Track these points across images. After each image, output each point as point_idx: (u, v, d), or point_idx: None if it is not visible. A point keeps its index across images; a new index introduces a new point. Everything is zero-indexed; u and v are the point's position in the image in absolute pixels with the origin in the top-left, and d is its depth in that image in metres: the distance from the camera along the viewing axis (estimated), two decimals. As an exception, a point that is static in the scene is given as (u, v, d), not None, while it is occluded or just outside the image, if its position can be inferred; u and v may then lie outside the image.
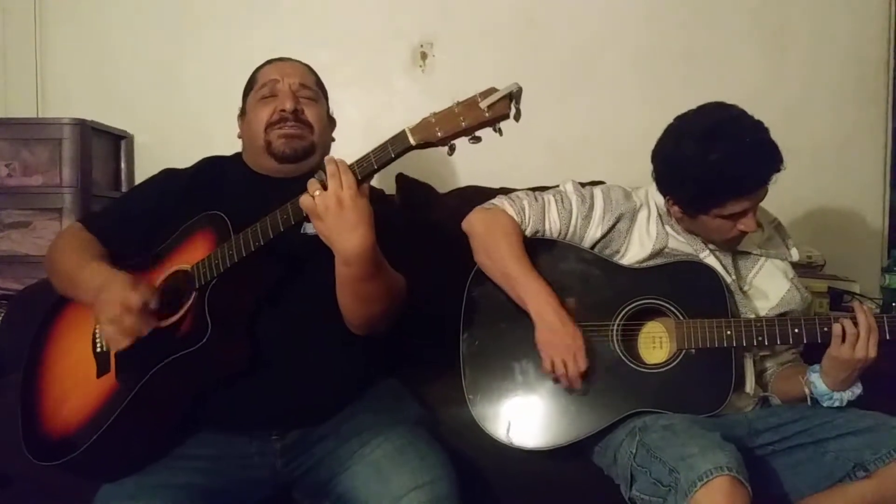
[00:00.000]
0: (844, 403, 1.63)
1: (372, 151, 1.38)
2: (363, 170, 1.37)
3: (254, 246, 1.45)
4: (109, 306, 1.46)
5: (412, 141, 1.34)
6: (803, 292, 1.83)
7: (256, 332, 1.54)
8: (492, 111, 1.31)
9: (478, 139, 1.35)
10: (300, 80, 1.72)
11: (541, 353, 1.68)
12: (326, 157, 1.40)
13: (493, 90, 1.32)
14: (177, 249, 1.60)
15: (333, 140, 1.81)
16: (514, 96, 1.31)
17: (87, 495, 1.45)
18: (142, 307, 1.46)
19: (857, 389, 1.63)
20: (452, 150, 1.36)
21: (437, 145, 1.35)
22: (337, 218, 1.36)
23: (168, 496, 1.42)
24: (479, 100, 1.32)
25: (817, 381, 1.63)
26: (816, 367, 1.65)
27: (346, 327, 1.60)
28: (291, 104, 1.68)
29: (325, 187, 1.36)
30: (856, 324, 1.59)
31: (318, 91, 1.77)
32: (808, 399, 1.67)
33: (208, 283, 1.48)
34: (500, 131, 1.34)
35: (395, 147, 1.35)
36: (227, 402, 1.53)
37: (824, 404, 1.64)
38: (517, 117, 1.33)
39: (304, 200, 1.37)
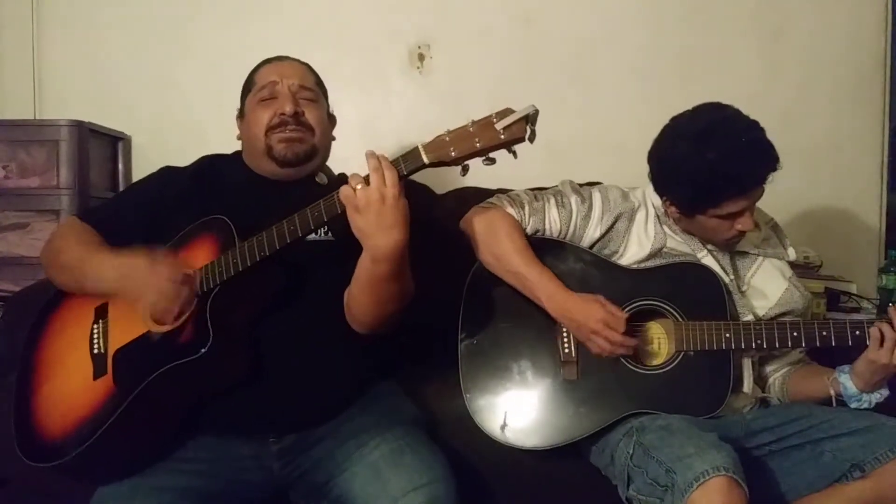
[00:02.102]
0: (872, 405, 1.63)
1: None
2: None
3: (259, 256, 1.45)
4: (149, 277, 1.47)
5: (425, 159, 1.34)
6: (803, 291, 1.83)
7: (258, 336, 1.54)
8: (507, 133, 1.30)
9: (492, 161, 1.34)
10: (300, 82, 1.70)
11: (583, 344, 1.68)
12: (367, 151, 1.37)
13: (508, 111, 1.30)
14: (178, 253, 1.58)
15: (334, 139, 1.80)
16: (530, 119, 1.30)
17: (85, 496, 1.45)
18: (180, 277, 1.47)
19: (886, 392, 1.63)
20: (466, 170, 1.35)
21: (450, 165, 1.34)
22: (378, 214, 1.34)
23: (165, 498, 1.42)
24: (495, 120, 1.30)
25: (847, 382, 1.64)
26: (846, 367, 1.65)
27: (345, 330, 1.60)
28: (292, 107, 1.66)
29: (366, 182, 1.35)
30: (894, 328, 1.59)
31: (317, 91, 1.75)
32: (833, 400, 1.66)
33: (211, 290, 1.47)
34: (514, 153, 1.33)
35: (409, 164, 1.35)
36: (225, 405, 1.52)
37: (852, 405, 1.64)
38: (531, 139, 1.31)
39: (345, 191, 1.35)
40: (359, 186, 1.34)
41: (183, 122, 2.61)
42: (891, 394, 1.66)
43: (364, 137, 2.55)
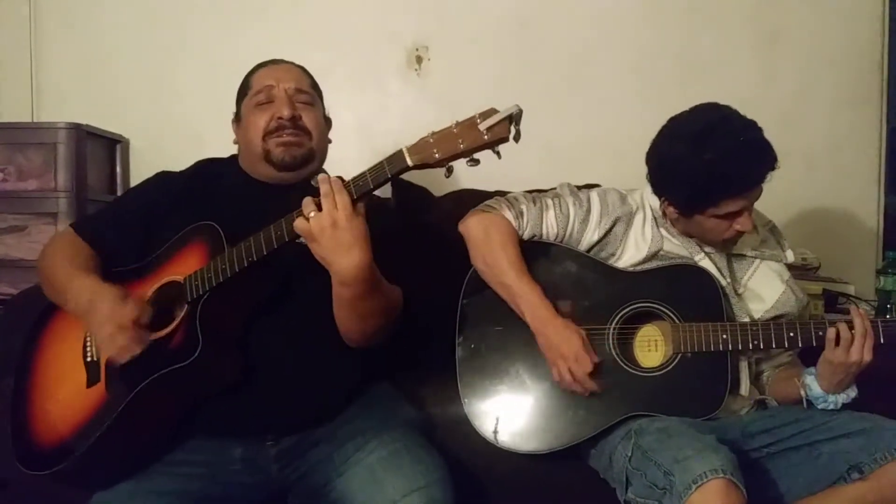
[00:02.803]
0: (839, 406, 1.63)
1: (368, 170, 1.36)
2: (358, 188, 1.36)
3: (247, 261, 1.44)
4: (103, 323, 1.46)
5: (409, 161, 1.33)
6: (799, 294, 1.83)
7: (250, 340, 1.54)
8: (491, 133, 1.29)
9: (476, 161, 1.33)
10: (296, 85, 1.70)
11: (549, 367, 1.69)
12: (320, 177, 1.38)
13: (492, 111, 1.30)
14: (169, 260, 1.58)
15: (330, 141, 1.80)
16: (514, 118, 1.29)
17: (83, 500, 1.45)
18: (133, 323, 1.45)
19: (853, 392, 1.63)
20: (450, 171, 1.35)
21: (434, 167, 1.34)
22: (332, 239, 1.35)
23: (162, 502, 1.42)
24: (479, 121, 1.30)
25: (812, 384, 1.64)
26: (812, 369, 1.66)
27: (340, 334, 1.59)
28: (289, 111, 1.65)
29: (319, 207, 1.35)
30: (851, 327, 1.59)
31: (314, 94, 1.75)
32: (804, 401, 1.67)
33: (200, 296, 1.47)
34: (498, 154, 1.33)
35: (392, 167, 1.34)
36: (222, 408, 1.52)
37: (819, 406, 1.65)
38: (517, 138, 1.31)
39: (299, 224, 1.36)
40: (311, 215, 1.35)
41: (181, 124, 2.61)
42: (887, 395, 1.67)
43: (361, 139, 2.55)
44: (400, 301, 1.57)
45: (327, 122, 1.80)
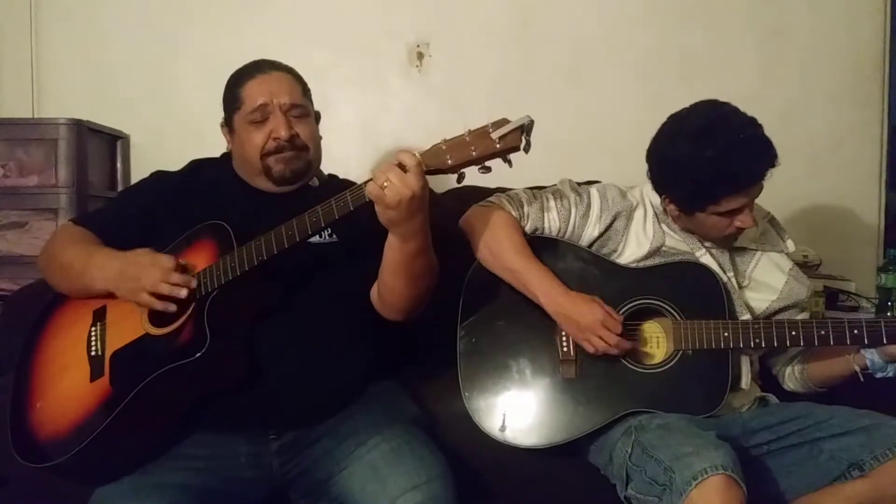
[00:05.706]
0: None
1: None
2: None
3: (257, 260, 1.46)
4: (145, 272, 1.49)
5: (423, 167, 1.36)
6: (803, 280, 1.83)
7: (256, 336, 1.54)
8: (503, 143, 1.32)
9: (488, 169, 1.36)
10: (290, 100, 1.68)
11: (578, 343, 1.68)
12: (403, 151, 1.40)
13: (504, 121, 1.33)
14: (177, 257, 1.58)
15: (321, 137, 1.80)
16: (525, 129, 1.32)
17: (84, 496, 1.45)
18: (176, 265, 1.50)
19: None
20: (462, 178, 1.38)
21: (446, 172, 1.37)
22: (409, 208, 1.38)
23: (164, 496, 1.41)
24: (491, 130, 1.33)
25: (874, 357, 1.65)
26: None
27: (346, 329, 1.61)
28: (286, 132, 1.65)
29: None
30: None
31: (306, 103, 1.73)
32: (860, 374, 1.68)
33: (209, 294, 1.49)
34: (510, 163, 1.35)
35: None
36: (225, 402, 1.53)
37: (878, 376, 1.66)
38: (527, 149, 1.34)
39: (375, 190, 1.37)
40: (386, 184, 1.36)
41: (181, 121, 2.61)
42: (887, 393, 1.67)
43: (363, 137, 2.55)
44: (437, 264, 1.59)
45: (317, 119, 1.79)
